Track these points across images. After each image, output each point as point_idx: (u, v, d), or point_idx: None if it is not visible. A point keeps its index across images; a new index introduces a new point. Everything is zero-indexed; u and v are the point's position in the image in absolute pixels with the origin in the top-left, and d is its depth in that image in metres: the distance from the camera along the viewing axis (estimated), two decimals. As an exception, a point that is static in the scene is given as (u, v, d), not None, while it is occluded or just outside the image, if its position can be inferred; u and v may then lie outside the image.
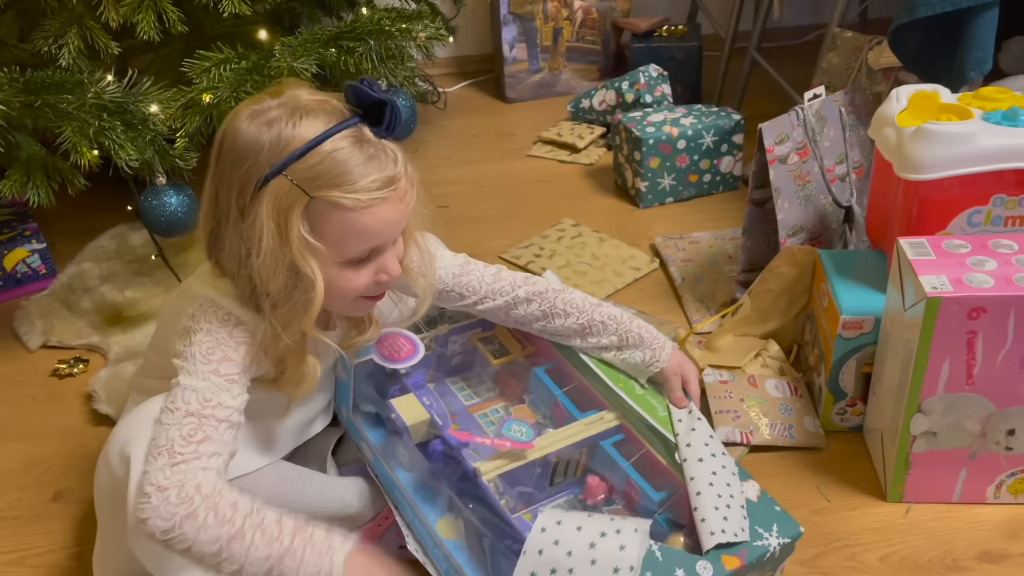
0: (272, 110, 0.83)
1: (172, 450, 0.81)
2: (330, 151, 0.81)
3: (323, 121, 0.83)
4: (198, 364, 0.85)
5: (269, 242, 0.81)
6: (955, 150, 1.05)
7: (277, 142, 0.81)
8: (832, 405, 1.19)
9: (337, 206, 0.82)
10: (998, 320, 0.95)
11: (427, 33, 1.35)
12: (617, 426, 1.01)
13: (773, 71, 2.00)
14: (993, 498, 1.08)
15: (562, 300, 1.05)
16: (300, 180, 0.81)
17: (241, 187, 0.83)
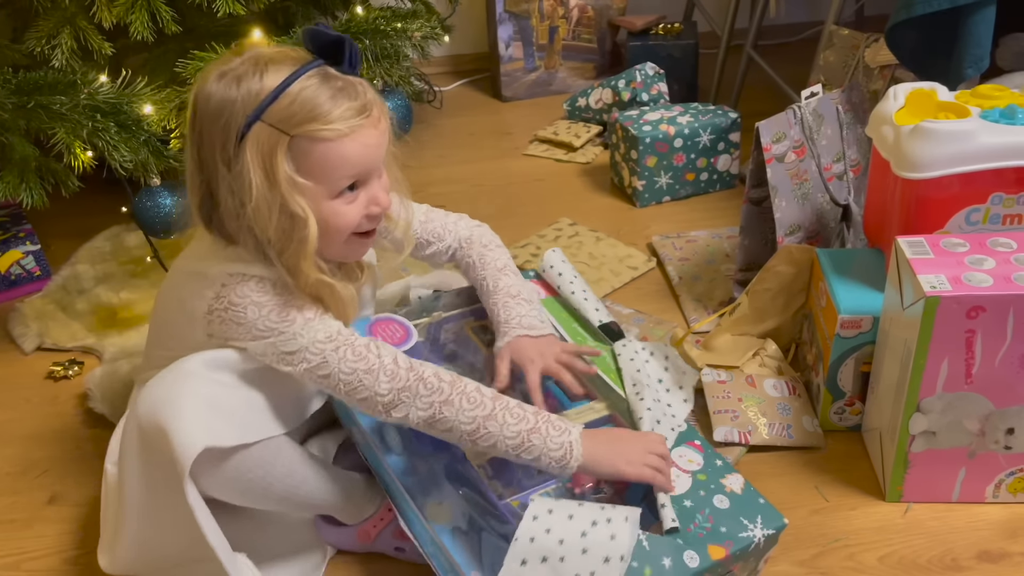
0: (238, 67, 0.86)
1: (363, 369, 0.88)
2: (300, 90, 0.85)
3: (288, 67, 0.86)
4: (284, 328, 0.88)
5: (259, 187, 0.84)
6: (953, 148, 1.05)
7: (249, 93, 0.84)
8: (830, 404, 1.19)
9: (317, 139, 0.85)
10: (997, 319, 0.95)
11: (422, 32, 1.34)
12: (607, 416, 1.02)
13: (770, 69, 2.00)
14: (992, 497, 1.08)
15: (479, 255, 1.13)
16: (278, 122, 0.84)
17: (223, 142, 0.85)
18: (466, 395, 0.89)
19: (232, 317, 0.89)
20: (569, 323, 1.17)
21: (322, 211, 0.88)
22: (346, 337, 0.90)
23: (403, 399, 0.89)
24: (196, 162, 0.89)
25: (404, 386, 0.89)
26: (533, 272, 1.25)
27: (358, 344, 0.90)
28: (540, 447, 0.88)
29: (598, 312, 1.18)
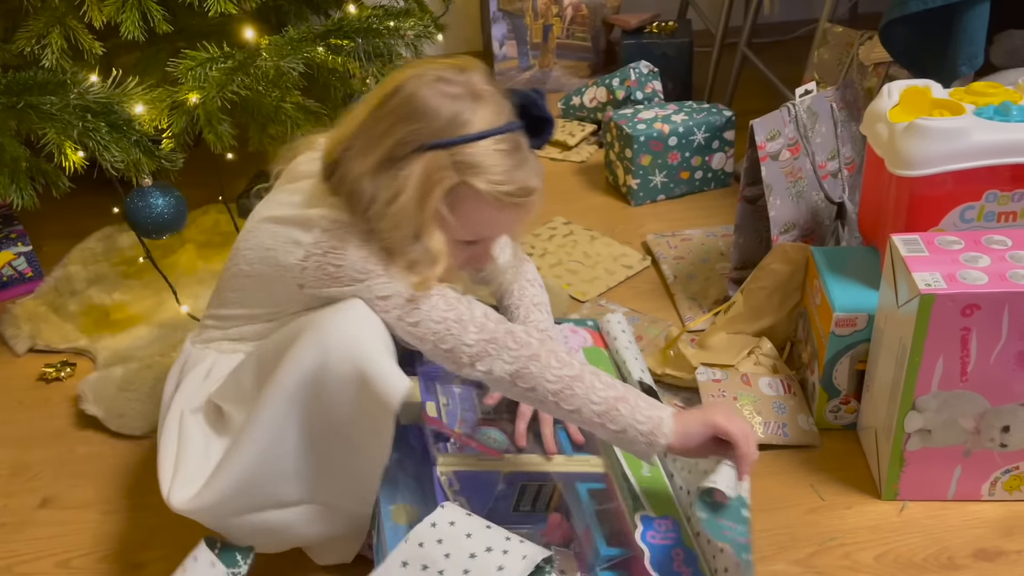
0: (455, 85, 0.87)
1: (453, 318, 0.89)
2: (492, 146, 0.86)
3: (494, 114, 0.87)
4: (382, 270, 0.88)
5: (406, 202, 0.86)
6: (947, 146, 1.04)
7: (454, 118, 0.86)
8: (826, 403, 1.19)
9: (478, 196, 0.87)
10: (992, 317, 0.95)
11: (415, 31, 1.33)
12: (601, 474, 0.99)
13: (764, 67, 1.99)
14: (988, 495, 1.08)
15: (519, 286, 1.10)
16: (459, 161, 0.86)
17: (401, 140, 0.86)
18: (555, 354, 0.89)
19: (331, 260, 0.89)
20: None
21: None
22: (439, 287, 0.90)
23: (490, 351, 0.88)
24: (363, 127, 0.89)
25: (492, 338, 0.89)
26: (592, 322, 1.22)
27: (450, 294, 0.90)
28: (628, 418, 0.87)
29: (643, 373, 1.14)
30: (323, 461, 0.93)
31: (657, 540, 0.90)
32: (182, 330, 1.47)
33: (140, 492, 1.19)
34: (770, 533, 1.06)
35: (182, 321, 1.48)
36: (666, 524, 0.93)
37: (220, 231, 1.75)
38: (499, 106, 0.88)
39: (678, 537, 0.91)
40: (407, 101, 0.87)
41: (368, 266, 0.89)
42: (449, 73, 0.89)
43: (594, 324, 1.22)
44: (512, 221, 0.93)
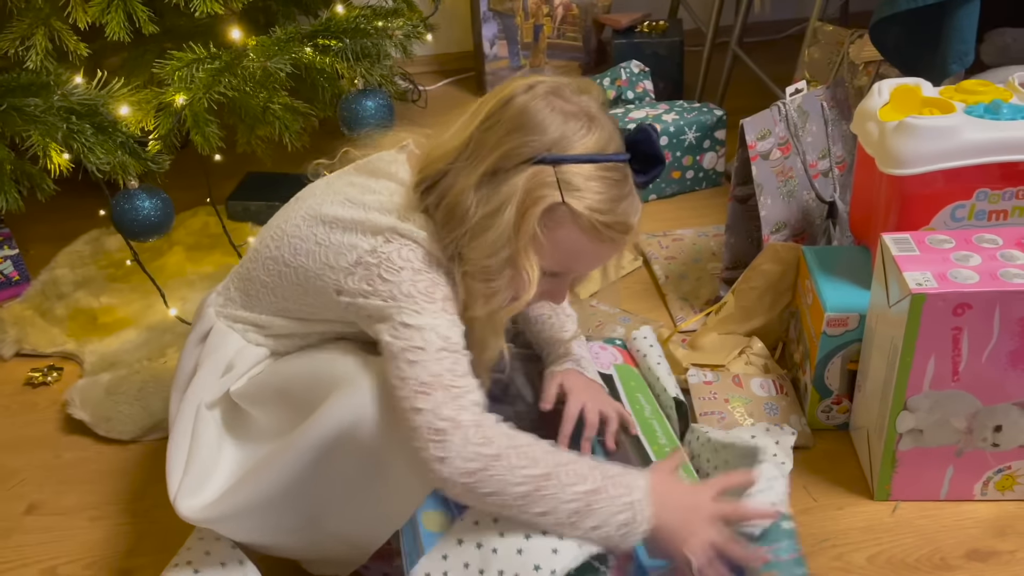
0: (570, 103, 0.84)
1: (444, 384, 0.80)
2: (601, 172, 0.82)
3: (606, 140, 0.83)
4: (423, 303, 0.82)
5: (506, 218, 0.81)
6: (938, 144, 1.04)
7: (566, 136, 0.82)
8: (818, 403, 1.18)
9: (577, 221, 0.82)
10: (983, 316, 0.94)
11: (404, 31, 1.32)
12: None
13: (755, 66, 1.99)
14: (980, 495, 1.07)
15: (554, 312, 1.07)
16: (564, 181, 0.81)
17: (508, 152, 0.82)
18: (521, 450, 0.80)
19: (383, 273, 0.83)
20: (634, 392, 1.10)
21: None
22: (457, 348, 0.83)
23: (451, 437, 0.78)
24: (466, 141, 0.84)
25: (464, 423, 0.79)
26: (620, 341, 1.21)
27: (460, 365, 0.82)
28: (603, 511, 0.79)
29: (677, 390, 1.13)
30: (349, 505, 0.90)
31: None
32: (170, 333, 1.46)
33: (127, 498, 1.18)
34: (762, 534, 1.05)
35: (170, 324, 1.47)
36: None
37: (209, 233, 1.74)
38: (611, 134, 0.84)
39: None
40: (519, 113, 0.83)
41: (414, 291, 0.83)
42: (565, 90, 0.85)
43: (623, 343, 1.21)
44: (602, 256, 0.89)
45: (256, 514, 0.90)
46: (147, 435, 1.27)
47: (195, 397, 0.96)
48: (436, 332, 0.81)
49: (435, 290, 0.84)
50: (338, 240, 0.87)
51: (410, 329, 0.81)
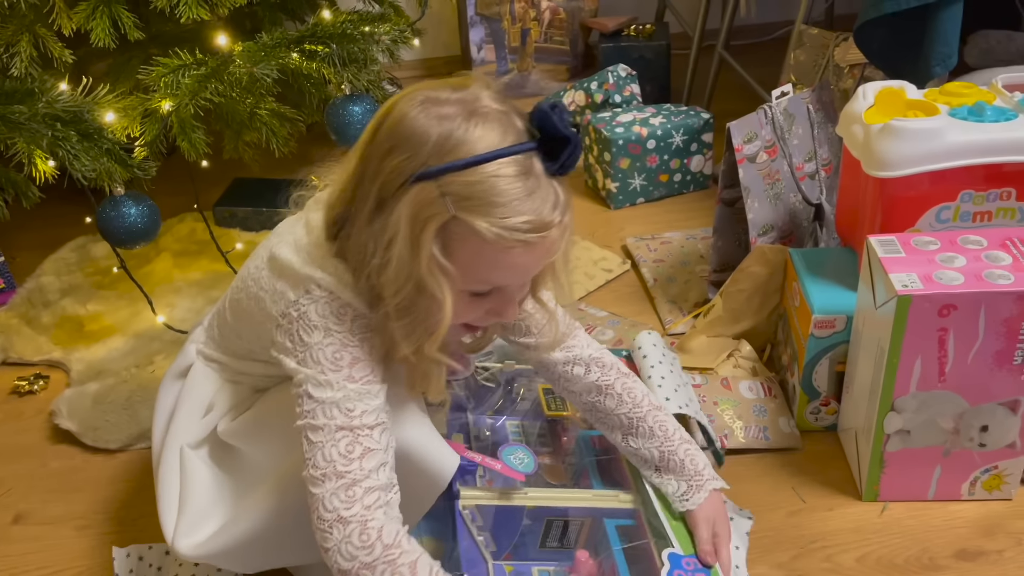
0: (448, 104, 0.74)
1: (337, 471, 0.77)
2: (492, 173, 0.72)
3: (498, 134, 0.73)
4: (328, 373, 0.79)
5: (399, 250, 0.74)
6: (922, 147, 1.05)
7: (444, 142, 0.73)
8: (806, 405, 1.19)
9: (477, 234, 0.73)
10: (969, 317, 0.95)
11: (391, 36, 1.32)
12: (630, 510, 0.95)
13: (741, 69, 2.00)
14: (968, 495, 1.08)
15: (622, 383, 0.97)
16: (450, 193, 0.72)
17: (387, 178, 0.75)
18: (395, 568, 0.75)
19: (300, 330, 0.80)
20: None
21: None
22: (358, 425, 0.78)
23: (333, 532, 0.76)
24: (356, 176, 0.78)
25: (350, 519, 0.76)
26: (626, 352, 1.19)
27: (358, 445, 0.78)
28: None
29: (668, 401, 1.08)
30: None
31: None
32: (158, 340, 1.45)
33: (115, 507, 1.17)
34: (753, 536, 1.05)
35: (158, 331, 1.46)
36: (694, 563, 0.89)
37: (196, 239, 1.73)
38: (504, 125, 0.74)
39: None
40: (394, 129, 0.75)
41: (322, 357, 0.79)
42: (442, 91, 0.76)
43: (627, 354, 1.19)
44: (525, 264, 0.77)
45: (258, 543, 0.90)
46: (134, 444, 1.26)
47: (177, 439, 0.96)
48: (338, 407, 0.78)
49: (343, 354, 0.79)
50: (273, 287, 0.83)
51: (313, 402, 0.78)
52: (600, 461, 1.03)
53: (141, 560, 1.06)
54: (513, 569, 0.91)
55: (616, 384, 0.97)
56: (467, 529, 0.90)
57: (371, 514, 0.76)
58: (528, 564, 0.93)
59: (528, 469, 0.94)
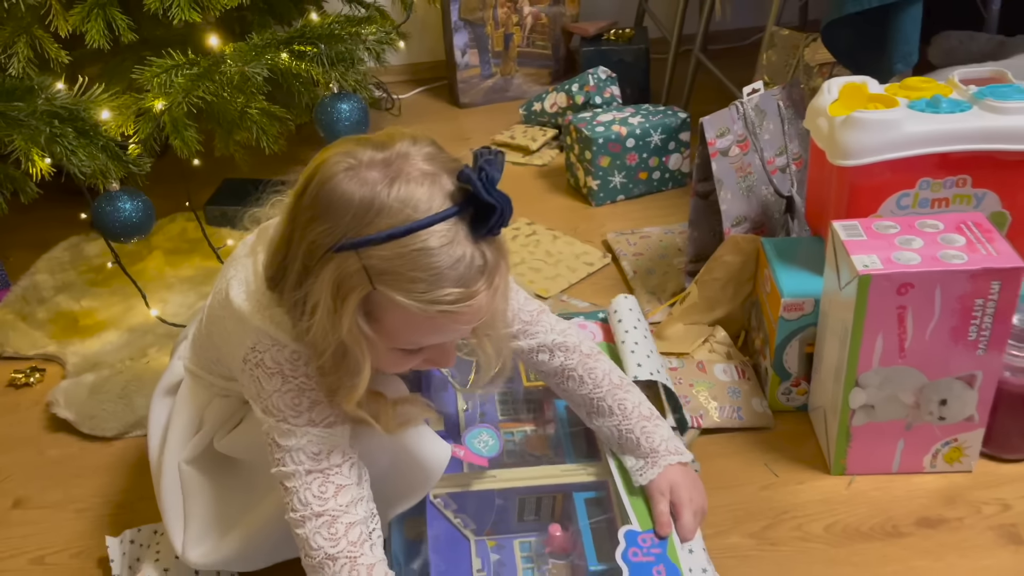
0: (373, 167, 0.72)
1: (315, 512, 0.81)
2: (413, 247, 0.71)
3: (422, 201, 0.71)
4: (290, 420, 0.81)
5: (321, 317, 0.74)
6: (882, 136, 1.10)
7: (365, 212, 0.71)
8: (778, 385, 1.24)
9: (399, 306, 0.73)
10: (925, 294, 1.00)
11: (376, 36, 1.37)
12: (597, 482, 0.99)
13: (717, 71, 2.06)
14: (930, 467, 1.13)
15: (584, 365, 1.00)
16: (371, 267, 0.72)
17: (311, 246, 0.74)
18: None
19: (260, 376, 0.82)
20: None
21: (378, 356, 0.79)
22: (326, 466, 0.82)
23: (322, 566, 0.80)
24: (286, 237, 0.77)
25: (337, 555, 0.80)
26: (603, 314, 1.23)
27: (331, 483, 0.81)
28: None
29: (640, 367, 1.11)
30: None
31: (639, 558, 0.91)
32: (152, 334, 1.49)
33: (112, 491, 1.21)
34: (727, 509, 1.10)
35: (151, 325, 1.50)
36: (651, 539, 0.93)
37: (187, 238, 1.77)
38: (430, 190, 0.72)
39: (663, 553, 0.91)
40: (317, 194, 0.73)
41: (282, 404, 0.81)
42: (366, 151, 0.74)
43: (604, 316, 1.22)
44: (453, 329, 0.77)
45: (269, 544, 0.95)
46: (130, 432, 1.30)
47: (173, 457, 0.99)
48: (304, 452, 0.81)
49: (301, 400, 0.81)
50: (234, 328, 0.84)
51: (281, 450, 0.82)
52: (574, 432, 1.07)
53: (132, 543, 1.09)
54: (496, 543, 0.95)
55: (579, 367, 1.00)
56: (442, 515, 0.95)
57: (359, 550, 0.80)
58: (509, 537, 0.98)
59: (492, 452, 0.98)
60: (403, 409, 0.88)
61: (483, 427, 1.03)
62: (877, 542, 1.05)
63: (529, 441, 1.07)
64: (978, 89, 1.15)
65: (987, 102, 1.12)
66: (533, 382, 1.14)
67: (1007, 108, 1.10)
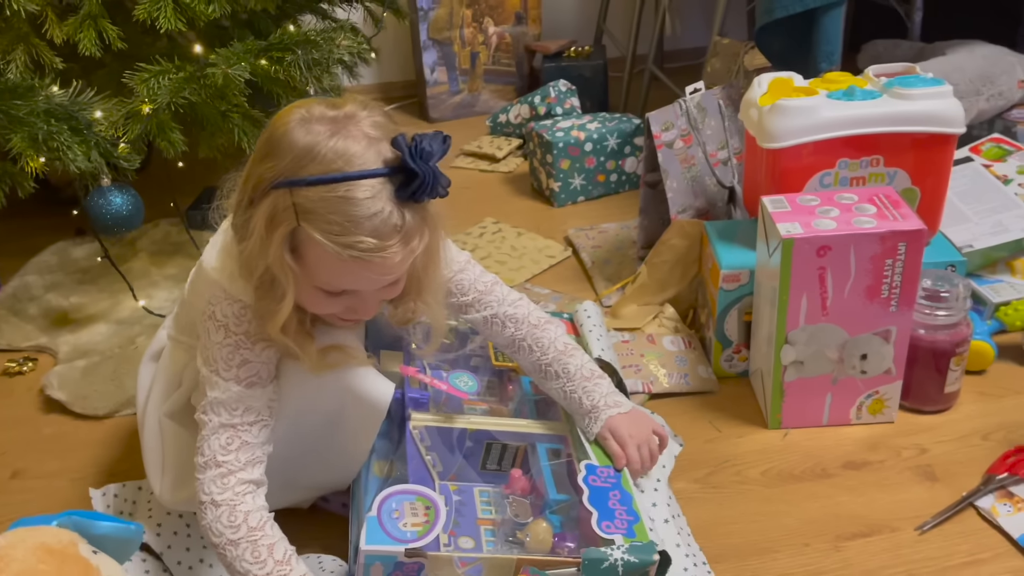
0: (323, 122, 0.83)
1: (216, 460, 0.91)
2: (340, 195, 0.81)
3: (357, 156, 0.82)
4: (221, 371, 0.92)
5: (254, 244, 0.85)
6: (803, 121, 1.24)
7: (304, 155, 0.82)
8: (721, 353, 1.36)
9: (318, 244, 0.83)
10: (841, 256, 1.13)
11: (348, 43, 1.49)
12: (560, 436, 1.10)
13: (670, 82, 2.21)
14: (856, 419, 1.25)
15: (532, 335, 1.09)
16: (299, 205, 0.82)
17: (258, 179, 0.85)
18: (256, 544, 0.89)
19: (210, 327, 0.93)
20: None
21: (302, 290, 0.88)
22: (238, 422, 0.92)
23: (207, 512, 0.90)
24: (245, 171, 0.89)
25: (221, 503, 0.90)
26: (568, 315, 1.33)
27: (236, 439, 0.92)
28: None
29: (602, 352, 1.22)
30: (321, 461, 1.03)
31: (597, 483, 1.02)
32: (139, 324, 1.58)
33: (106, 462, 1.29)
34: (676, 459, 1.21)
35: (138, 316, 1.59)
36: (607, 472, 1.04)
37: (171, 241, 1.86)
38: (365, 150, 0.82)
39: (618, 482, 1.03)
40: (270, 136, 0.85)
41: (216, 356, 0.92)
42: (322, 108, 0.85)
43: (569, 316, 1.34)
44: (365, 277, 0.87)
45: None
46: (121, 410, 1.38)
47: (155, 411, 1.09)
48: (224, 406, 0.92)
49: (235, 356, 0.92)
50: (202, 287, 0.96)
51: (205, 401, 0.93)
52: (538, 402, 1.18)
53: (116, 497, 1.18)
54: (457, 488, 1.04)
55: (528, 337, 1.09)
56: (416, 448, 1.04)
57: (240, 499, 0.91)
58: (470, 485, 1.06)
59: (472, 390, 1.09)
60: (333, 354, 0.96)
61: (463, 371, 1.13)
62: (807, 483, 1.16)
63: (493, 412, 1.15)
64: (888, 80, 1.28)
65: (895, 90, 1.25)
66: (501, 363, 1.22)
67: (912, 95, 1.24)
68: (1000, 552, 1.04)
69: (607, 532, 0.94)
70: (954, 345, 1.22)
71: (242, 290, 0.92)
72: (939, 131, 1.24)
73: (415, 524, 0.93)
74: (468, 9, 2.49)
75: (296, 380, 0.97)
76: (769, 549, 1.06)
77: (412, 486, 0.97)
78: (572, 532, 0.98)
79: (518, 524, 0.98)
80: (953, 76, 1.60)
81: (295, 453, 1.01)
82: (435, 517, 0.94)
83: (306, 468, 1.04)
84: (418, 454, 1.03)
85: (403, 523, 0.93)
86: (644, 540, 0.93)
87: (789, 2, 1.48)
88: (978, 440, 1.21)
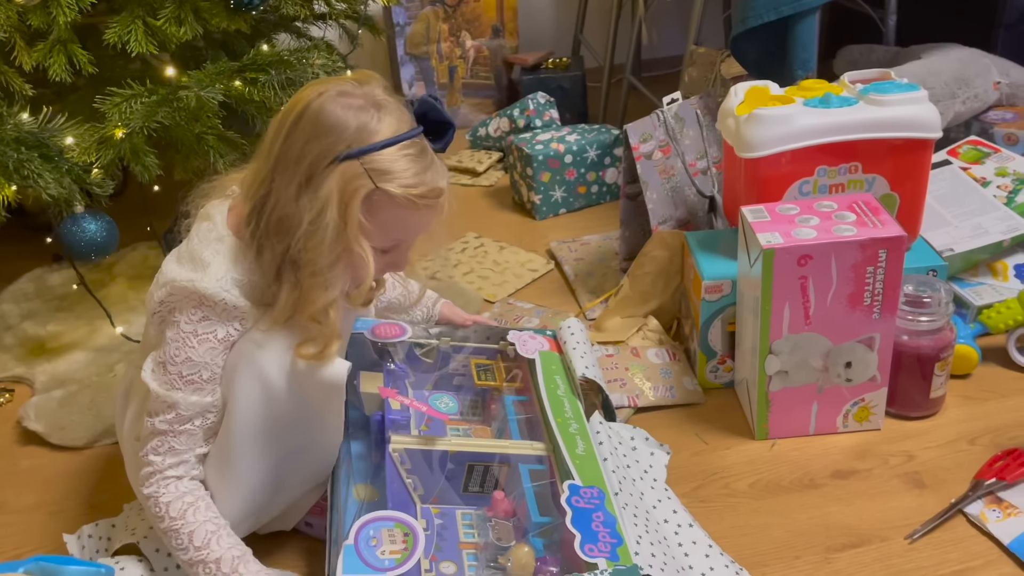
0: (357, 97, 0.93)
1: (148, 459, 0.99)
2: (400, 152, 0.93)
3: (397, 120, 0.93)
4: (168, 368, 0.96)
5: (332, 218, 0.91)
6: (780, 130, 1.23)
7: (362, 128, 0.91)
8: (705, 364, 1.35)
9: (393, 201, 0.93)
10: (823, 265, 1.12)
11: (322, 62, 1.48)
12: (543, 457, 1.08)
13: (648, 92, 2.21)
14: (842, 427, 1.24)
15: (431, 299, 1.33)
16: (372, 169, 0.91)
17: (316, 158, 0.91)
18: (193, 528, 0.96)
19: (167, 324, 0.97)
20: (552, 375, 1.20)
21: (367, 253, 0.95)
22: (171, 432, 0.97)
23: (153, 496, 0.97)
24: (273, 163, 0.94)
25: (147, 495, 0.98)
26: (551, 332, 1.32)
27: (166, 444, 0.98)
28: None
29: (587, 369, 1.22)
30: (292, 455, 1.03)
31: (580, 504, 1.00)
32: (117, 352, 1.56)
33: (84, 494, 1.27)
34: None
35: (116, 343, 1.56)
36: (591, 492, 1.01)
37: (149, 265, 1.84)
38: (401, 113, 0.95)
39: (601, 504, 1.00)
40: (315, 119, 0.92)
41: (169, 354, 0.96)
42: (350, 87, 0.94)
43: (552, 333, 1.32)
44: (425, 222, 0.99)
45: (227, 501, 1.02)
46: (100, 440, 1.36)
47: (131, 435, 1.08)
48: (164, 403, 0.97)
49: (180, 352, 0.96)
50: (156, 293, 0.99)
51: (150, 398, 0.98)
52: (520, 420, 1.17)
53: (91, 537, 1.15)
54: (439, 511, 1.02)
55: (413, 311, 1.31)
56: (397, 471, 1.02)
57: (161, 491, 0.98)
58: (453, 507, 1.05)
59: (452, 411, 1.08)
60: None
61: (443, 392, 1.12)
62: (796, 494, 1.16)
63: (476, 433, 1.14)
64: (864, 86, 1.28)
65: (871, 96, 1.25)
66: (483, 382, 1.21)
67: (888, 100, 1.24)
68: (991, 559, 1.04)
69: (590, 555, 0.92)
70: (938, 350, 1.21)
71: (235, 263, 0.96)
72: (916, 136, 1.24)
73: (393, 552, 0.91)
74: (445, 23, 2.48)
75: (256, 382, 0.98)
76: (759, 563, 1.05)
77: (390, 512, 0.96)
78: (555, 556, 0.96)
79: (500, 548, 0.97)
80: (929, 80, 1.61)
81: (278, 452, 1.02)
82: (413, 544, 0.92)
83: (289, 463, 1.04)
84: (398, 477, 1.02)
85: (381, 551, 0.91)
86: (628, 564, 0.92)
87: (763, 10, 1.48)
88: (965, 445, 1.21)
